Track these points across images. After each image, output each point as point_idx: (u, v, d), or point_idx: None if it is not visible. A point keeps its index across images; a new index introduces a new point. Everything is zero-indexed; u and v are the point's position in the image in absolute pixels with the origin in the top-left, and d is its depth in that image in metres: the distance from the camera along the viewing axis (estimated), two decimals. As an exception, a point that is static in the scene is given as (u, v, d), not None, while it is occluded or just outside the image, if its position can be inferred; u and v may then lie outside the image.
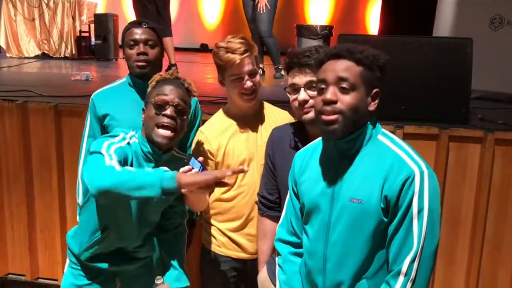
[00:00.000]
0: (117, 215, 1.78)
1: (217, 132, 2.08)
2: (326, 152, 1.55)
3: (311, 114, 1.74)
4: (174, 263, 1.94)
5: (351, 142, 1.47)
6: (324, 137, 1.52)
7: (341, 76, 1.43)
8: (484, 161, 2.57)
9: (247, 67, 1.97)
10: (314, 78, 1.68)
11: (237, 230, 2.10)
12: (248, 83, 1.98)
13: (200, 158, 1.74)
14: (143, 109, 1.82)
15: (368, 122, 1.49)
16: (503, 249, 2.64)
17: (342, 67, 1.44)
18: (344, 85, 1.42)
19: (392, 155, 1.45)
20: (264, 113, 2.13)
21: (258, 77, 2.02)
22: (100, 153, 1.63)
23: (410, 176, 1.39)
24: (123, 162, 1.67)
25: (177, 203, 1.93)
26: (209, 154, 2.07)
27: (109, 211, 1.77)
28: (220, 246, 2.14)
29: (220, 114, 2.15)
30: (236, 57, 1.95)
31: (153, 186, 1.50)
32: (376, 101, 1.48)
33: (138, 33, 2.12)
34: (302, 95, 1.77)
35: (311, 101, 1.74)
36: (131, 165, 1.73)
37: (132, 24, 2.18)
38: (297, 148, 1.76)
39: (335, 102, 1.42)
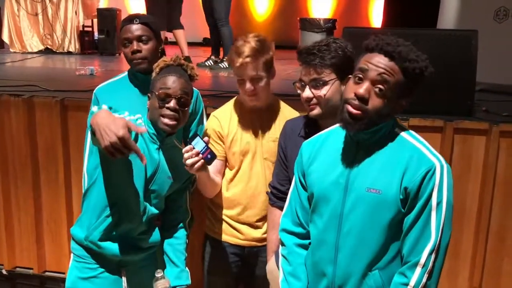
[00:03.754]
0: (124, 190, 1.83)
1: (229, 119, 2.13)
2: (341, 142, 1.55)
3: (316, 111, 1.82)
4: (176, 261, 1.99)
5: (371, 133, 1.47)
6: (343, 126, 1.49)
7: (381, 80, 1.41)
8: (489, 153, 2.57)
9: (249, 72, 1.99)
10: (318, 76, 1.76)
11: (235, 217, 2.17)
12: (248, 87, 2.01)
13: (206, 139, 1.81)
14: (148, 96, 1.89)
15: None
16: (508, 241, 2.65)
17: (385, 69, 1.40)
18: (380, 89, 1.41)
19: (410, 148, 1.46)
20: (276, 110, 2.17)
21: (262, 82, 2.03)
22: None
23: (431, 169, 1.41)
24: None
25: (179, 197, 2.02)
26: (221, 138, 2.13)
27: (116, 186, 1.82)
28: (219, 232, 2.20)
29: (234, 102, 2.19)
30: (238, 60, 1.98)
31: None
32: (405, 104, 1.47)
33: (130, 31, 2.13)
34: (306, 92, 1.82)
35: (315, 100, 1.80)
36: (136, 140, 1.80)
37: (125, 22, 2.18)
38: (308, 139, 1.78)
39: (365, 100, 1.41)
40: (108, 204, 1.84)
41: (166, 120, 1.81)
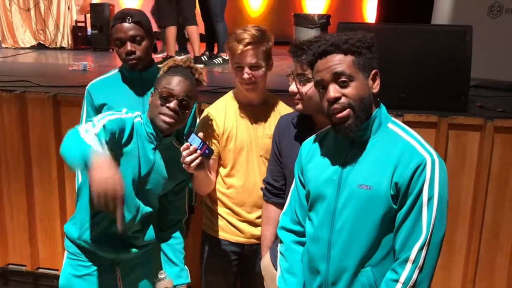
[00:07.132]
0: None
1: (223, 115, 2.11)
2: (336, 140, 1.55)
3: (299, 106, 1.82)
4: (175, 260, 1.99)
5: (362, 130, 1.47)
6: (341, 134, 1.49)
7: (336, 72, 1.43)
8: (483, 149, 2.58)
9: (248, 59, 1.99)
10: (302, 72, 1.74)
11: (234, 214, 2.15)
12: (246, 75, 2.00)
13: (200, 134, 1.81)
14: (151, 93, 1.87)
15: (377, 109, 1.49)
16: (501, 235, 2.66)
17: (334, 63, 1.44)
18: (342, 79, 1.43)
19: (403, 143, 1.45)
20: (271, 107, 2.16)
21: (260, 71, 2.02)
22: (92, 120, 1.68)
23: (421, 164, 1.40)
24: (119, 132, 1.72)
25: (176, 198, 2.00)
26: (216, 136, 2.11)
27: None
28: (218, 230, 2.18)
29: (228, 97, 2.18)
30: (239, 47, 1.97)
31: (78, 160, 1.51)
32: (378, 82, 1.49)
33: (123, 31, 2.08)
34: (292, 86, 1.82)
35: (298, 95, 1.79)
36: (130, 139, 1.79)
37: (116, 20, 2.12)
38: (302, 135, 1.77)
39: (339, 98, 1.43)
40: None
41: (163, 118, 1.78)
